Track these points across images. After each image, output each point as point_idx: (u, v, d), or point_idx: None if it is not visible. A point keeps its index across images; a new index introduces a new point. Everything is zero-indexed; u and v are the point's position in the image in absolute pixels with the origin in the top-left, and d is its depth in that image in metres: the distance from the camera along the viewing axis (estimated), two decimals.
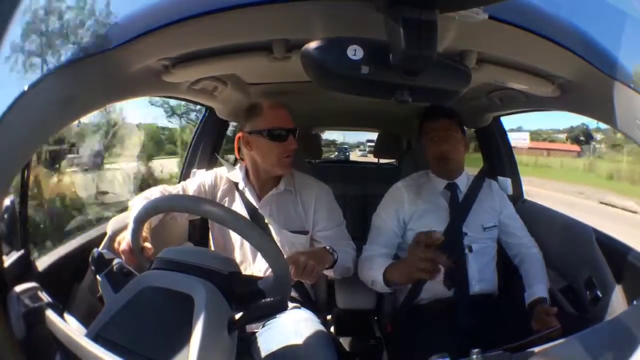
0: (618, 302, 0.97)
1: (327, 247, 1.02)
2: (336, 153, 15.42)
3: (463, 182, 1.23)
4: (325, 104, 1.72)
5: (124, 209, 1.09)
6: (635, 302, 0.93)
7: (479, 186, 1.24)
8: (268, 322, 0.98)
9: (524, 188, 1.65)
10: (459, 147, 1.19)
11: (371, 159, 3.49)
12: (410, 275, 0.95)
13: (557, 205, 1.46)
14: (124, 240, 0.87)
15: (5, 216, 0.71)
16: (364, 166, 2.74)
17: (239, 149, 1.13)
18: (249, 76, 1.28)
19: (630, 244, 1.03)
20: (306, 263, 0.87)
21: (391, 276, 0.98)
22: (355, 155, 16.03)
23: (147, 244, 0.87)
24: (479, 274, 1.14)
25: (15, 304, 0.60)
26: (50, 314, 0.61)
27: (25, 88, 0.61)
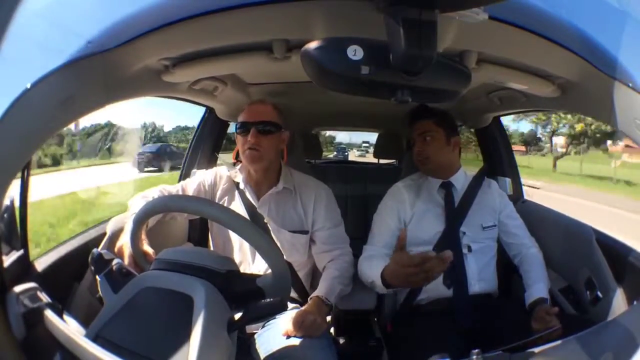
0: (618, 302, 0.96)
1: (323, 298, 0.98)
2: (335, 153, 15.41)
3: (459, 181, 1.23)
4: (325, 104, 1.72)
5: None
6: (635, 303, 0.93)
7: (478, 186, 1.24)
8: (268, 322, 0.98)
9: None
10: (436, 147, 1.19)
11: (370, 158, 3.48)
12: (409, 284, 0.97)
13: None
14: (126, 252, 0.88)
15: (5, 216, 0.71)
16: (364, 166, 2.74)
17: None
18: (249, 76, 1.28)
19: (630, 244, 1.03)
20: (314, 320, 0.89)
21: (390, 280, 0.96)
22: (353, 155, 16.02)
23: (148, 248, 0.87)
24: (479, 273, 1.14)
25: (14, 304, 0.60)
26: (49, 314, 0.61)
27: (26, 88, 0.61)
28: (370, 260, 1.10)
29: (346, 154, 15.93)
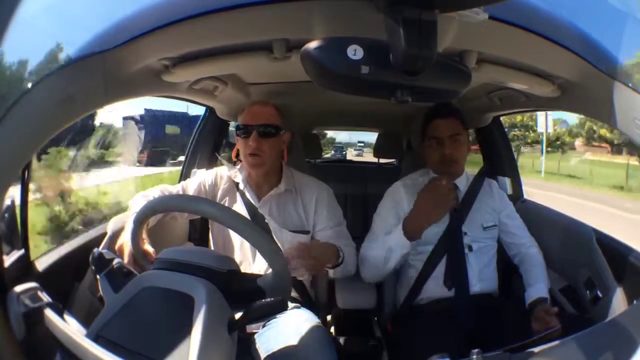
0: (618, 302, 0.96)
1: (338, 247, 1.01)
2: (332, 152, 15.59)
3: (462, 182, 1.23)
4: (325, 104, 1.72)
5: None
6: (635, 302, 0.93)
7: (479, 186, 1.24)
8: (268, 322, 0.98)
9: None
10: (463, 150, 1.18)
11: (369, 158, 3.47)
12: (436, 213, 1.08)
13: None
14: (126, 251, 0.87)
15: (5, 216, 0.71)
16: (363, 166, 2.74)
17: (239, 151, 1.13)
18: (249, 76, 1.28)
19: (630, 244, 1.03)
20: (316, 254, 0.91)
21: (416, 222, 1.07)
22: (350, 155, 16.25)
23: (149, 248, 0.87)
24: (479, 273, 1.14)
25: (15, 304, 0.60)
26: (50, 314, 0.61)
27: (26, 88, 0.61)
28: (375, 242, 1.14)
29: (344, 152, 16.29)
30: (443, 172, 1.17)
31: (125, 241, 0.89)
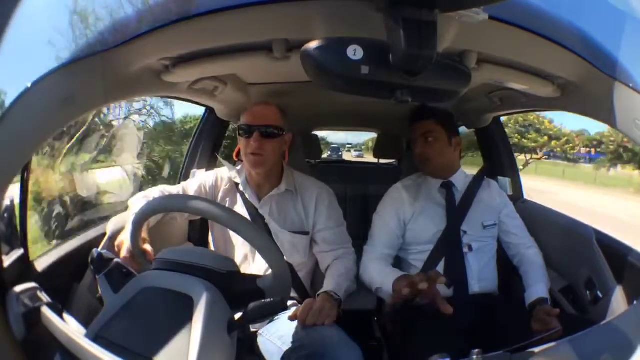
0: (618, 302, 0.96)
1: (331, 293, 0.96)
2: (329, 153, 15.72)
3: (460, 181, 1.23)
4: (325, 104, 1.71)
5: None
6: (635, 303, 0.93)
7: (478, 185, 1.24)
8: (271, 321, 0.98)
9: None
10: (438, 148, 1.18)
11: (369, 158, 3.47)
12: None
13: None
14: (125, 246, 0.87)
15: (5, 216, 0.71)
16: (363, 166, 2.74)
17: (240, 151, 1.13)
18: (249, 76, 1.28)
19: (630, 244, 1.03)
20: (323, 306, 0.87)
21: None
22: (350, 156, 16.42)
23: (148, 247, 0.87)
24: (479, 273, 1.14)
25: (14, 304, 0.60)
26: (49, 314, 0.61)
27: (25, 88, 0.61)
28: (377, 263, 1.10)
29: (340, 153, 16.74)
30: (424, 171, 1.24)
31: (125, 238, 0.89)
